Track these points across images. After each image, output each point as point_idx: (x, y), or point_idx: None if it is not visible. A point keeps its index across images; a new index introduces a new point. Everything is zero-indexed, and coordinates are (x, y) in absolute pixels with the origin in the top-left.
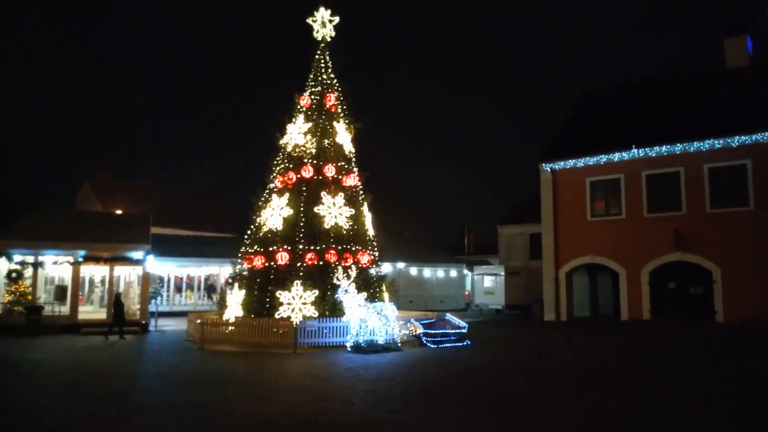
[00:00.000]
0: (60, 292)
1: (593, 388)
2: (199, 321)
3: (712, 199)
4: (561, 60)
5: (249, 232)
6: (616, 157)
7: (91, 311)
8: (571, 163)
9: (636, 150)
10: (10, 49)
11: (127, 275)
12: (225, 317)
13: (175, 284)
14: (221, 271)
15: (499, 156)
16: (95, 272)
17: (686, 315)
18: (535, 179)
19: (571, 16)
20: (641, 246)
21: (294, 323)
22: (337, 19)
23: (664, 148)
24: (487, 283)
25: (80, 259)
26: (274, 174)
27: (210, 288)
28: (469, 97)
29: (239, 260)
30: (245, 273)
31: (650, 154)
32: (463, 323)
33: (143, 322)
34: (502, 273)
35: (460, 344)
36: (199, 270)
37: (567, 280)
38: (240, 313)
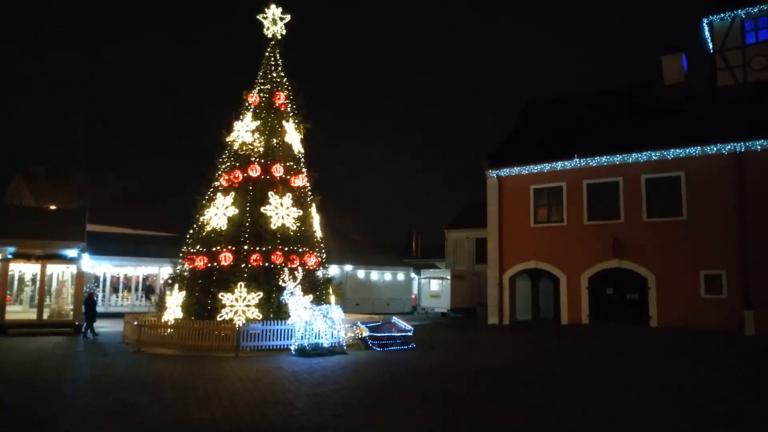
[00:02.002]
0: None
1: (533, 389)
2: (136, 323)
3: (648, 208)
4: (510, 70)
5: (191, 231)
6: (558, 165)
7: (20, 311)
8: (516, 170)
9: (578, 159)
10: None
11: (60, 274)
12: (164, 319)
13: (111, 284)
14: (161, 271)
15: (448, 161)
16: (26, 270)
17: (623, 319)
18: (482, 185)
19: (522, 30)
20: (581, 252)
21: (237, 326)
22: (288, 17)
23: (604, 159)
24: (433, 286)
25: (9, 256)
26: (220, 172)
27: (148, 289)
28: (419, 101)
29: (180, 260)
30: (186, 273)
31: (591, 163)
32: (409, 326)
33: (76, 323)
34: (449, 277)
35: (406, 347)
36: (137, 270)
37: (510, 284)
38: (180, 315)
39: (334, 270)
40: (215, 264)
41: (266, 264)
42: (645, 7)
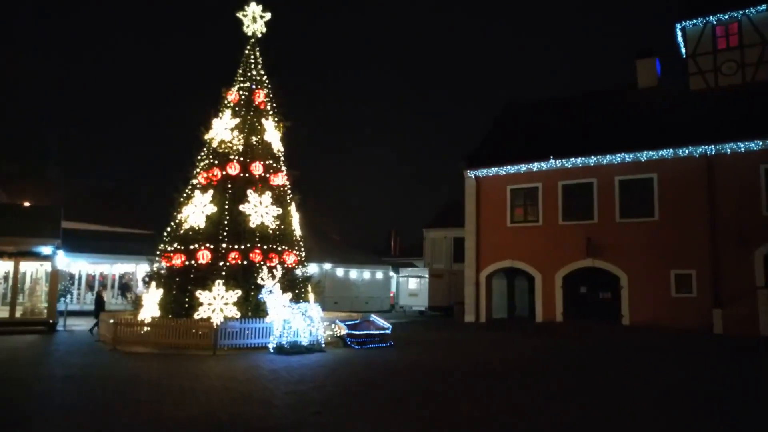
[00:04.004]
0: None
1: (509, 386)
2: (112, 321)
3: (621, 209)
4: (489, 71)
5: (169, 229)
6: (535, 166)
7: None
8: (493, 170)
9: (554, 161)
10: None
11: (34, 271)
12: (140, 317)
13: (87, 282)
14: (137, 269)
15: (427, 161)
16: None
17: (596, 318)
18: (461, 185)
19: (501, 33)
20: (556, 252)
21: (214, 324)
22: (268, 16)
23: (579, 160)
24: (411, 285)
25: None
26: (198, 170)
27: (124, 286)
28: (399, 103)
29: (157, 258)
30: (163, 272)
31: (566, 165)
32: (387, 324)
33: (51, 321)
34: (427, 275)
35: (384, 345)
36: (113, 267)
37: (487, 283)
38: (157, 313)
39: (313, 268)
40: (193, 262)
41: (245, 262)
42: (623, 10)
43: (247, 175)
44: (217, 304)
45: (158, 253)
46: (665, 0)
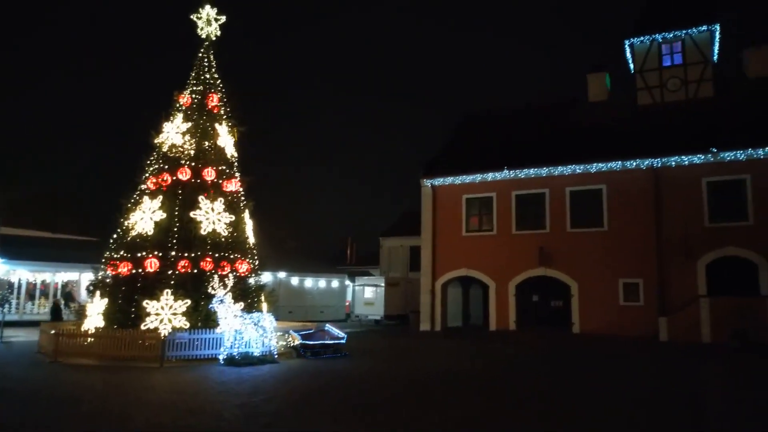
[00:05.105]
0: None
1: (461, 395)
2: (53, 332)
3: (572, 219)
4: (448, 83)
5: (115, 236)
6: (490, 176)
7: None
8: (449, 180)
9: (508, 171)
10: None
11: None
12: (84, 328)
13: (27, 291)
14: (81, 277)
15: (385, 169)
16: None
17: (548, 325)
18: (418, 194)
19: (456, 46)
20: (510, 261)
21: (162, 335)
22: (223, 18)
23: (532, 171)
24: (367, 293)
25: None
26: (147, 175)
27: (67, 296)
28: (357, 109)
29: (103, 266)
30: (109, 280)
31: (520, 175)
32: (342, 334)
33: None
34: (383, 284)
35: (339, 355)
36: (55, 276)
37: (442, 291)
38: (101, 323)
39: (267, 277)
40: (140, 270)
41: (195, 270)
42: (578, 26)
43: (198, 180)
44: (165, 314)
45: (104, 260)
46: (618, 17)
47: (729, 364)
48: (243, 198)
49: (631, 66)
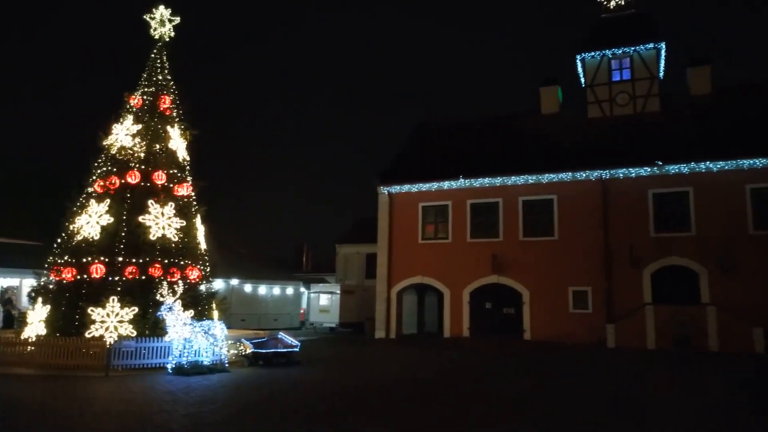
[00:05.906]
0: None
1: (415, 402)
2: None
3: (524, 228)
4: (404, 93)
5: (59, 240)
6: (445, 185)
7: None
8: (406, 187)
9: (463, 180)
10: None
11: None
12: (24, 336)
13: None
14: (22, 283)
15: (341, 176)
16: None
17: (500, 332)
18: (374, 201)
19: (413, 54)
20: (464, 268)
21: (107, 343)
22: (177, 20)
23: (486, 180)
24: (322, 301)
25: None
26: (94, 178)
27: (6, 302)
28: (312, 114)
29: (45, 271)
30: (52, 286)
31: (475, 184)
32: (295, 342)
33: None
34: (338, 291)
35: (292, 363)
36: None
37: (398, 299)
38: (43, 331)
39: (219, 284)
40: (85, 276)
41: (143, 277)
42: (531, 40)
43: (148, 184)
44: (110, 321)
45: (47, 265)
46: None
47: (671, 369)
48: (195, 203)
49: (582, 80)
